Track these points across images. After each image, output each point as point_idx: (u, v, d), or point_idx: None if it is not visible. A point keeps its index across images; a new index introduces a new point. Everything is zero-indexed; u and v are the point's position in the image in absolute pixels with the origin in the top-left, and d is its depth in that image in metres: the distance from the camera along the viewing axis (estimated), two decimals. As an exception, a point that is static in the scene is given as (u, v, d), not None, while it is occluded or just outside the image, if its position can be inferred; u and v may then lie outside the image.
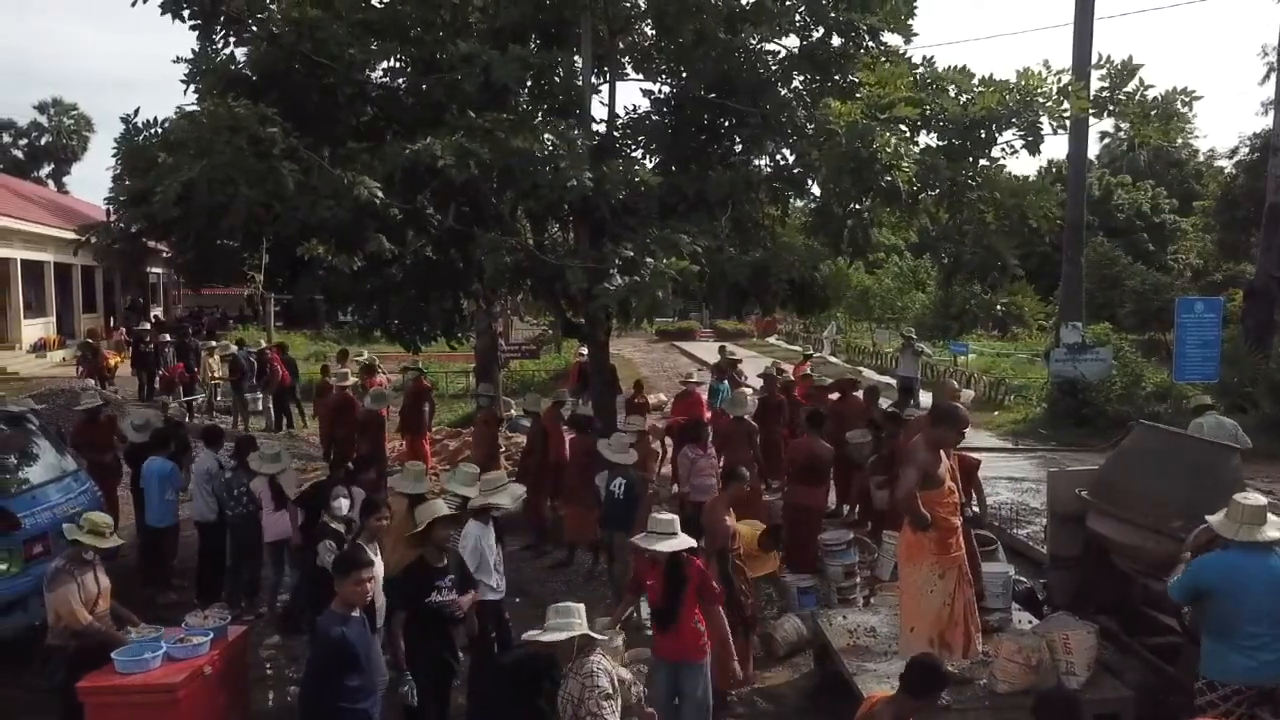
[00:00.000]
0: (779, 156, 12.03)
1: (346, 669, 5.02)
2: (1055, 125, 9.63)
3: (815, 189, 11.97)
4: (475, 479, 7.51)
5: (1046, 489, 8.25)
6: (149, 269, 35.32)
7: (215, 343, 24.20)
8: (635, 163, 10.80)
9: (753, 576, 7.61)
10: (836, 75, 11.31)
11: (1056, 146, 54.34)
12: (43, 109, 55.67)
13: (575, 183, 9.06)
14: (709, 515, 7.07)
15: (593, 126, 11.16)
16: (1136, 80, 9.97)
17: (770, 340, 43.33)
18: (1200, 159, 51.18)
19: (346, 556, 5.50)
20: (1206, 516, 5.34)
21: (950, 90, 9.98)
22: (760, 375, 14.50)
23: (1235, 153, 37.32)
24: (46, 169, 56.43)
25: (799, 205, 14.54)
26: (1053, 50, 69.57)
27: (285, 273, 12.24)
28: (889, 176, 8.87)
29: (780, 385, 13.45)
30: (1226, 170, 40.14)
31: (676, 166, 11.56)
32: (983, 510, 8.70)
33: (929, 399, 13.28)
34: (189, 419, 17.89)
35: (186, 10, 9.89)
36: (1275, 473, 12.91)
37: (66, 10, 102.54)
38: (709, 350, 29.27)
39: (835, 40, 11.20)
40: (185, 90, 10.13)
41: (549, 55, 10.25)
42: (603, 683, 4.51)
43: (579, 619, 4.68)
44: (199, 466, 9.41)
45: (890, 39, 11.29)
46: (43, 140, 56.17)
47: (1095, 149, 49.74)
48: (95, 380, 19.89)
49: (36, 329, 27.37)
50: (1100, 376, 18.19)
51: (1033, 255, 37.28)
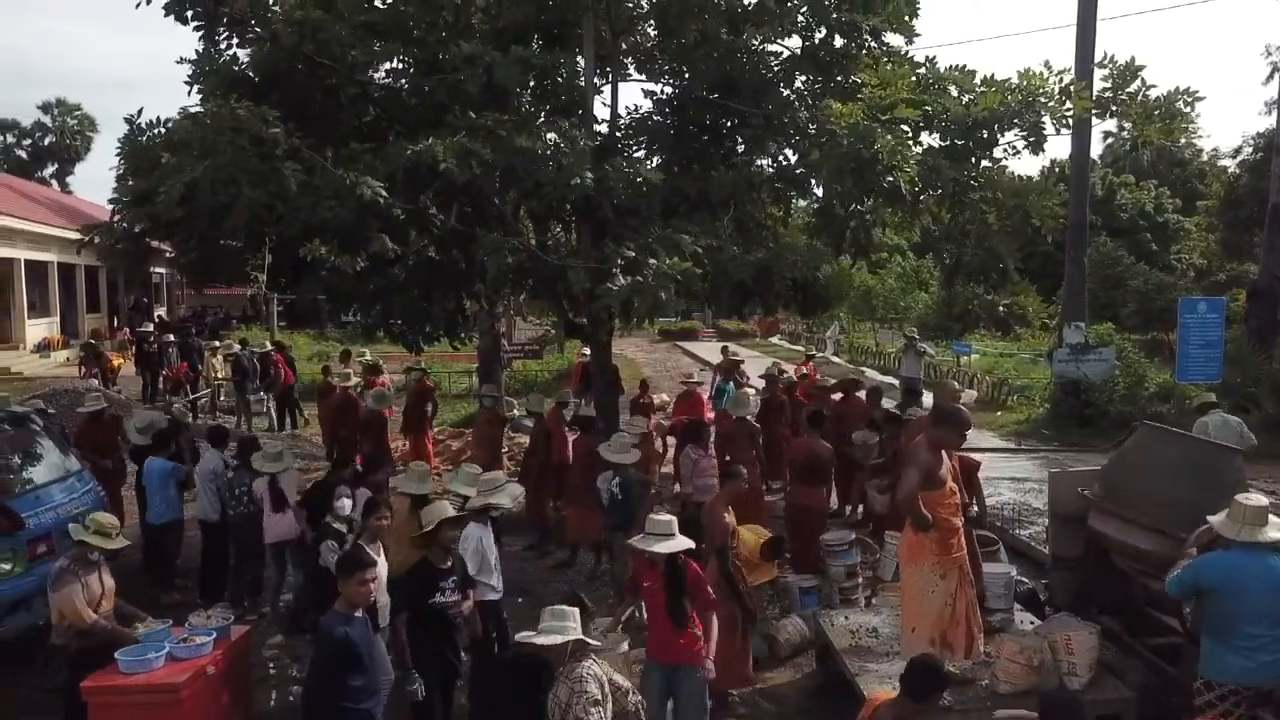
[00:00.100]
0: (781, 157, 12.06)
1: (349, 669, 5.03)
2: (1058, 125, 9.62)
3: (818, 189, 11.98)
4: (478, 479, 7.52)
5: (1048, 489, 8.24)
6: (152, 269, 35.41)
7: (218, 343, 24.22)
8: (638, 163, 10.82)
9: (752, 584, 7.61)
10: (839, 76, 11.33)
11: (1059, 146, 54.22)
12: (46, 109, 56.01)
13: (578, 180, 9.06)
14: (709, 514, 7.09)
15: (595, 127, 11.17)
16: (1139, 81, 9.97)
17: (773, 340, 43.32)
18: (1204, 159, 51.06)
19: (349, 557, 5.51)
20: (1208, 517, 5.34)
21: (952, 90, 9.98)
22: (762, 376, 14.50)
23: (1239, 152, 37.25)
24: (50, 169, 56.62)
25: (801, 205, 14.56)
26: (1055, 51, 69.65)
27: (288, 273, 12.28)
28: (890, 177, 8.88)
29: (783, 386, 13.45)
30: (1230, 170, 40.00)
31: (679, 167, 11.57)
32: (982, 511, 8.69)
33: (930, 400, 13.26)
34: (193, 419, 17.93)
35: (190, 12, 9.94)
36: (1278, 473, 12.90)
37: (66, 10, 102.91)
38: (711, 350, 29.29)
39: (837, 41, 11.22)
40: (189, 91, 10.19)
41: (551, 56, 10.25)
42: (591, 688, 4.46)
43: (573, 623, 4.63)
44: (205, 466, 9.42)
45: (892, 39, 11.33)
46: (46, 140, 56.34)
47: (1098, 148, 49.75)
48: (98, 380, 19.92)
49: (40, 329, 27.43)
50: (1103, 377, 18.14)
51: (1035, 255, 37.22)
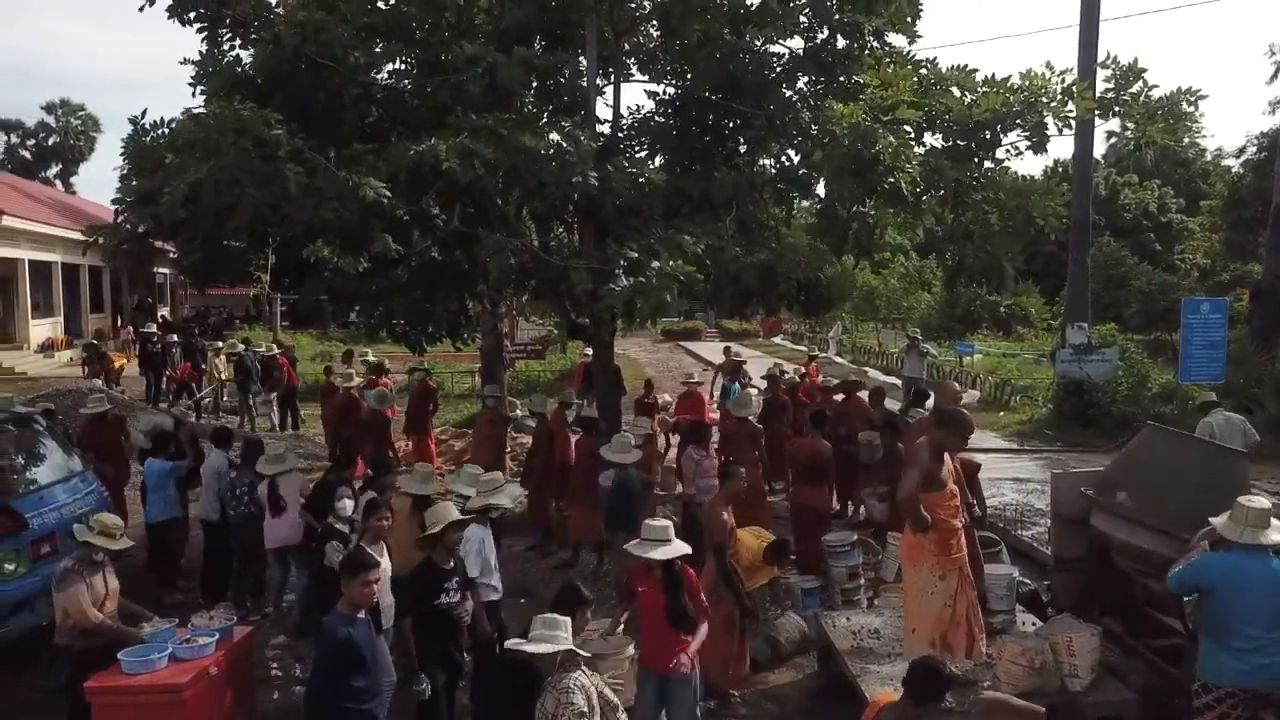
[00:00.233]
0: (783, 158, 12.06)
1: (352, 670, 5.03)
2: (1060, 126, 9.60)
3: (820, 190, 11.99)
4: (479, 480, 7.54)
5: (1050, 490, 8.24)
6: (156, 269, 35.44)
7: (221, 343, 24.22)
8: (640, 163, 10.81)
9: (752, 587, 7.60)
10: (841, 77, 11.32)
11: (1062, 146, 54.12)
12: (50, 109, 56.07)
13: (581, 180, 9.06)
14: (708, 513, 7.12)
15: (597, 127, 11.17)
16: (1141, 81, 9.94)
17: (775, 340, 43.32)
18: (1207, 158, 50.94)
19: (353, 558, 5.51)
20: (1210, 519, 5.35)
21: (955, 91, 9.96)
22: (764, 376, 14.50)
23: (1243, 152, 37.09)
24: (54, 169, 56.69)
25: (804, 206, 14.55)
26: (1058, 52, 69.60)
27: (291, 273, 12.29)
28: (892, 178, 8.86)
29: (785, 386, 13.45)
30: (1234, 170, 39.94)
31: (681, 167, 11.58)
32: (983, 512, 8.69)
33: (932, 400, 13.22)
34: (196, 419, 17.96)
35: (192, 14, 9.96)
36: (1281, 474, 12.89)
37: (66, 10, 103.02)
38: (714, 350, 29.28)
39: (840, 42, 11.22)
40: (193, 92, 10.20)
41: (554, 56, 10.25)
42: (578, 700, 4.41)
43: (564, 633, 4.59)
44: (210, 466, 9.44)
45: (894, 40, 11.33)
46: (50, 141, 56.44)
47: (1101, 148, 49.60)
48: (102, 381, 19.94)
49: (44, 329, 27.46)
50: (1106, 377, 18.12)
51: (1038, 255, 37.22)
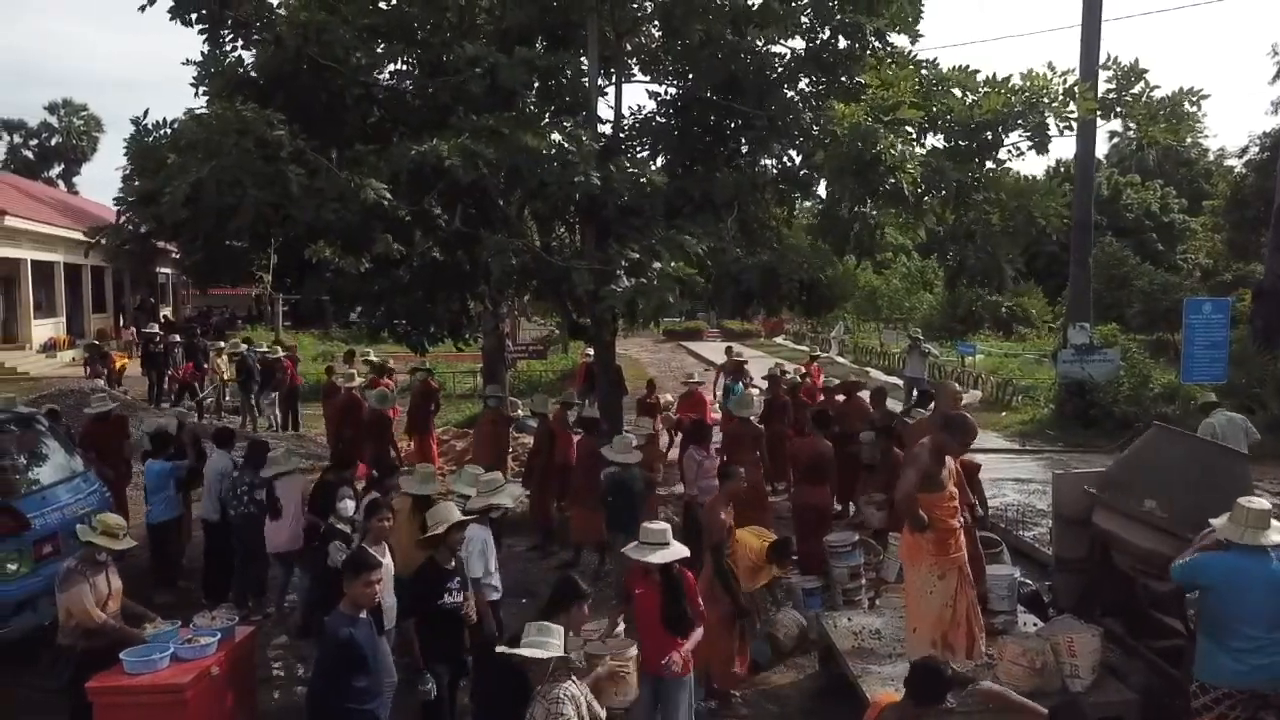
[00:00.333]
0: (785, 158, 12.06)
1: (354, 670, 5.04)
2: (1061, 127, 9.59)
3: (821, 191, 11.99)
4: (479, 480, 7.55)
5: (1052, 491, 8.23)
6: (158, 269, 35.50)
7: (223, 343, 24.23)
8: (642, 164, 10.82)
9: (753, 588, 7.61)
10: (843, 77, 11.33)
11: (1064, 146, 54.10)
12: (53, 109, 56.06)
13: (583, 179, 9.06)
14: (707, 513, 7.15)
15: (599, 128, 11.18)
16: (1143, 82, 9.92)
17: (777, 340, 43.31)
18: (1210, 158, 50.89)
19: (355, 558, 5.52)
20: (1210, 520, 5.35)
21: (956, 92, 9.95)
22: (765, 377, 14.50)
23: (1245, 152, 37.00)
24: (57, 169, 56.72)
25: (806, 206, 14.54)
26: (1059, 53, 69.53)
27: (293, 273, 12.30)
28: (893, 178, 8.86)
29: (786, 386, 13.45)
30: (1236, 170, 39.87)
31: (682, 168, 11.59)
32: (985, 512, 8.68)
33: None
34: (199, 419, 17.96)
35: (194, 15, 9.97)
36: (1283, 474, 12.89)
37: (66, 10, 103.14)
38: (716, 350, 29.29)
39: (841, 42, 11.23)
40: (195, 93, 10.21)
41: (555, 57, 10.25)
42: (568, 711, 4.37)
43: (556, 640, 4.55)
44: (213, 467, 9.43)
45: (896, 40, 11.33)
46: (53, 141, 56.46)
47: (1104, 148, 49.58)
48: (104, 381, 19.96)
49: (46, 329, 27.50)
50: (1108, 377, 18.11)
51: (1040, 255, 37.13)
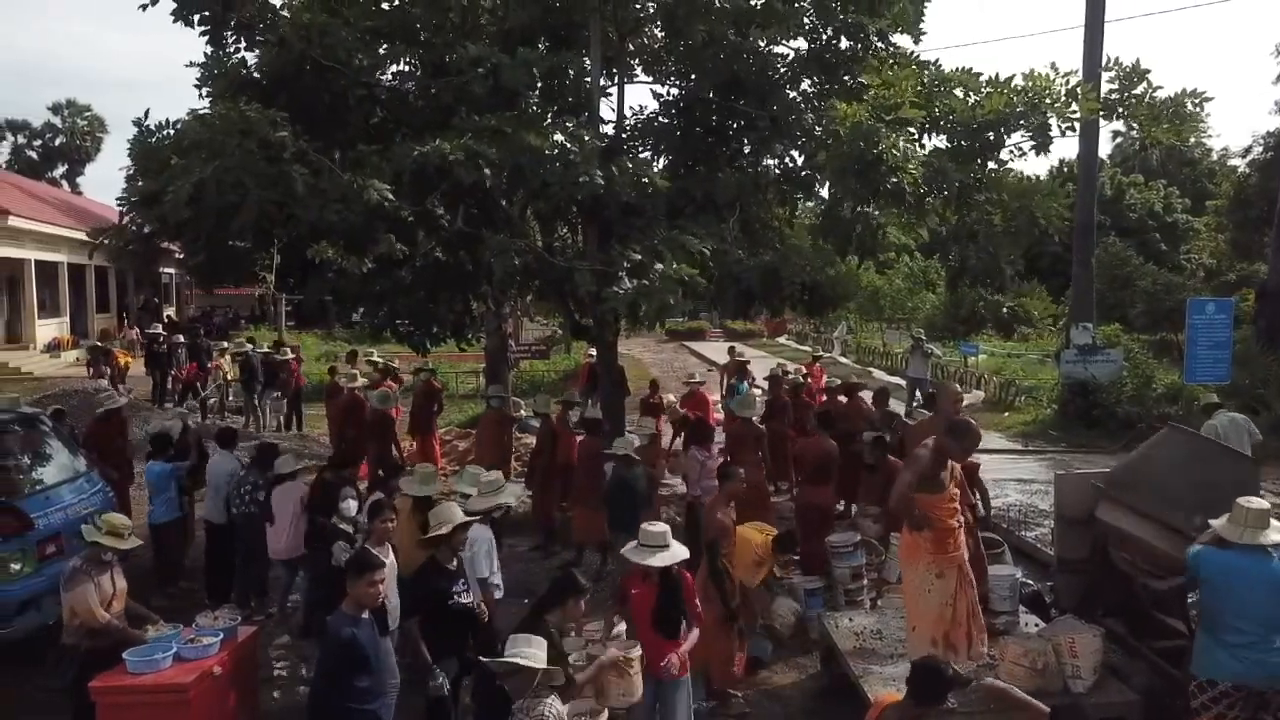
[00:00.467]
0: (787, 159, 12.06)
1: (356, 670, 5.05)
2: (1064, 127, 9.59)
3: (823, 191, 11.98)
4: (479, 480, 7.57)
5: (1054, 491, 8.23)
6: (162, 269, 35.54)
7: (226, 343, 24.25)
8: (645, 164, 10.82)
9: (754, 584, 7.63)
10: (845, 77, 11.33)
11: (1068, 146, 54.01)
12: (56, 110, 56.22)
13: (586, 179, 9.07)
14: (707, 512, 7.19)
15: (601, 128, 11.18)
16: (1145, 82, 9.92)
17: (780, 340, 43.29)
18: (1213, 158, 50.86)
19: (358, 558, 5.53)
20: (1210, 520, 5.36)
21: (958, 92, 9.95)
22: (766, 377, 14.52)
23: (1249, 151, 36.97)
24: (60, 169, 56.84)
25: (809, 206, 14.55)
26: (1062, 53, 69.33)
27: (296, 273, 12.32)
28: (894, 178, 8.86)
29: (788, 386, 13.45)
30: (1240, 169, 39.81)
31: (685, 168, 11.58)
32: (986, 511, 8.68)
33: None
34: (202, 419, 17.99)
35: (197, 16, 9.99)
36: (1285, 475, 12.85)
37: (67, 10, 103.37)
38: (718, 350, 29.28)
39: (843, 43, 11.23)
40: (199, 94, 10.23)
41: (558, 57, 10.26)
42: None
43: (541, 653, 4.49)
44: (221, 467, 9.42)
45: (899, 40, 11.33)
46: (57, 141, 56.61)
47: (1107, 148, 49.55)
48: (107, 381, 20.00)
49: (50, 329, 27.57)
50: (1111, 378, 18.09)
51: (1043, 255, 37.15)
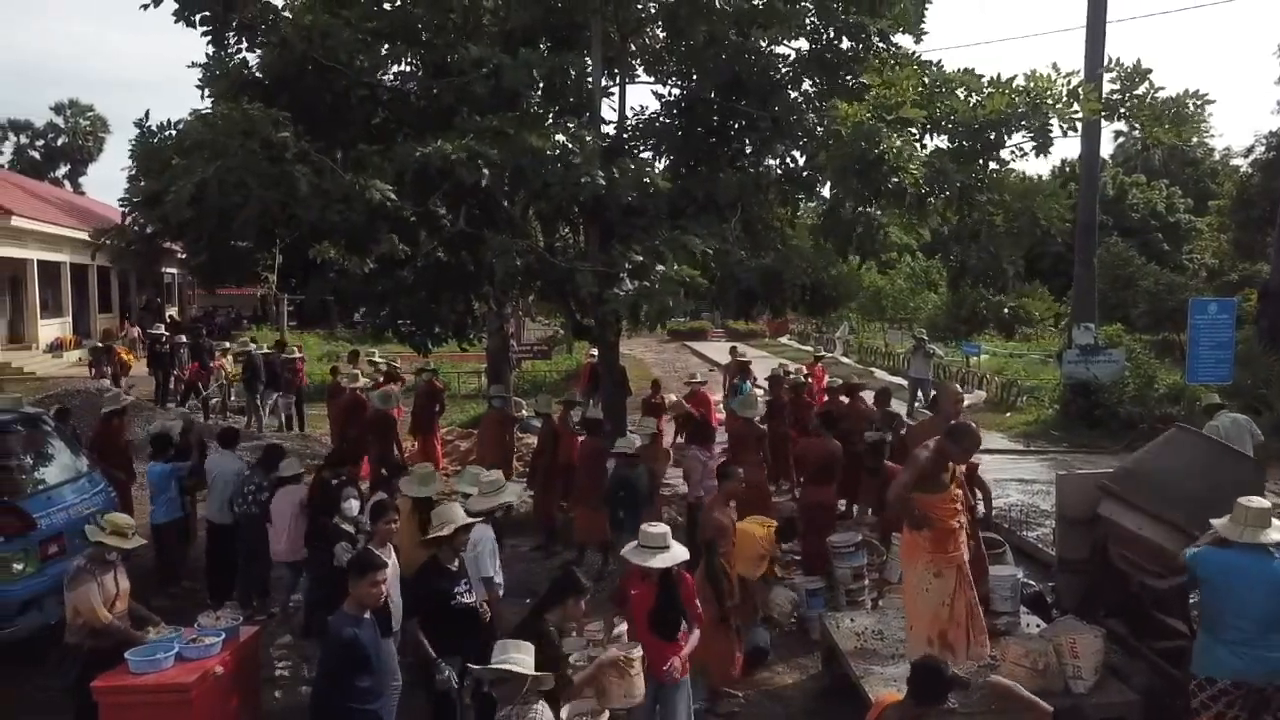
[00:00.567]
0: (788, 159, 12.06)
1: (357, 670, 5.05)
2: (1065, 128, 9.59)
3: (825, 191, 11.98)
4: (480, 480, 7.58)
5: (1056, 491, 8.23)
6: (164, 269, 35.57)
7: (228, 343, 24.26)
8: (646, 164, 10.83)
9: (755, 577, 7.65)
10: (847, 77, 11.33)
11: (1070, 146, 53.99)
12: (59, 110, 56.29)
13: (588, 180, 9.07)
14: (705, 512, 7.20)
15: (603, 128, 11.19)
16: (1147, 83, 9.91)
17: (782, 340, 43.27)
18: (1216, 158, 50.82)
19: (361, 558, 5.53)
20: (1212, 520, 5.37)
21: (959, 93, 9.96)
22: (767, 378, 14.52)
23: (1251, 151, 36.93)
24: (63, 169, 56.92)
25: (810, 206, 14.56)
26: (1064, 54, 69.12)
27: (298, 274, 12.33)
28: (896, 179, 8.86)
29: (788, 386, 13.45)
30: (1242, 169, 39.75)
31: (686, 168, 11.59)
32: (988, 509, 8.66)
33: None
34: (204, 419, 18.02)
35: (198, 16, 10.01)
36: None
37: (68, 10, 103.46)
38: (720, 350, 29.27)
39: (844, 43, 11.23)
40: (201, 95, 10.25)
41: (560, 58, 10.27)
42: None
43: (528, 657, 4.44)
44: (226, 467, 9.40)
45: (900, 39, 11.34)
46: (59, 141, 56.68)
47: (1109, 148, 49.53)
48: (109, 381, 20.02)
49: (53, 329, 27.60)
50: (1113, 378, 18.07)
51: (1045, 256, 37.10)
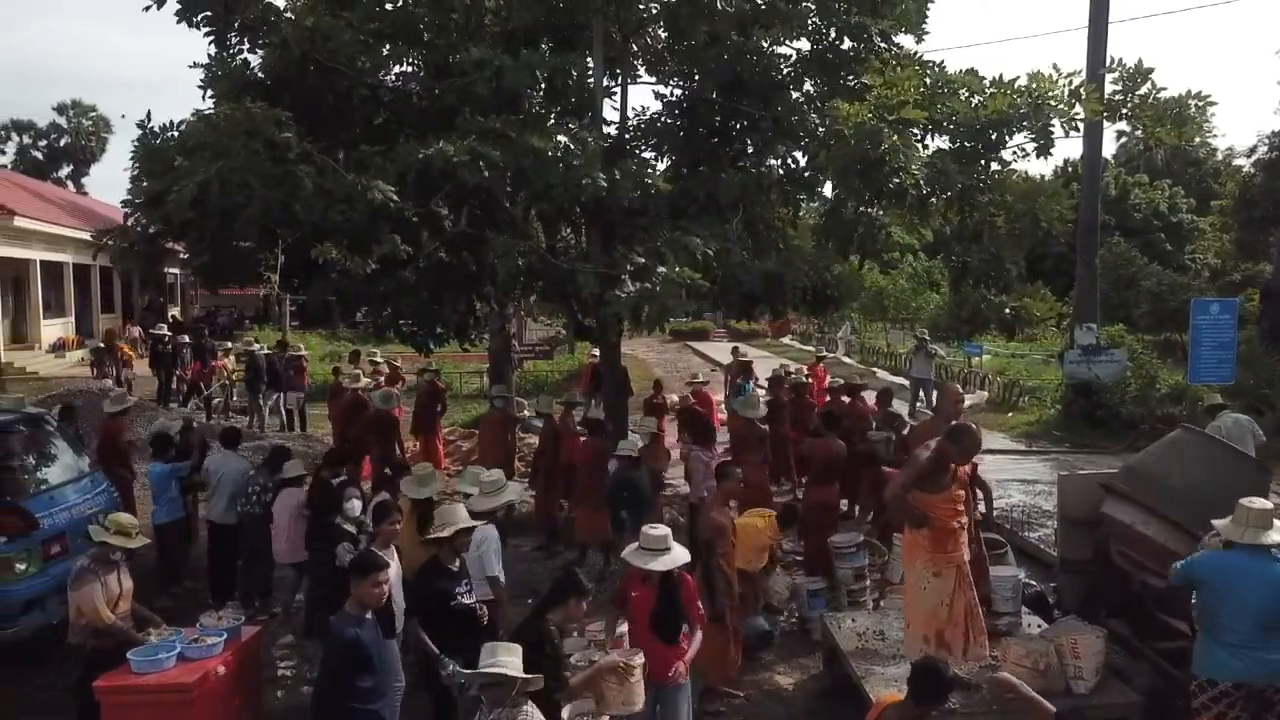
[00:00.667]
0: (790, 159, 12.06)
1: (359, 670, 5.06)
2: (1067, 128, 9.58)
3: (827, 192, 11.99)
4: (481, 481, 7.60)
5: (1058, 492, 8.22)
6: (166, 270, 35.58)
7: (230, 343, 24.26)
8: (647, 165, 10.83)
9: (757, 569, 7.68)
10: (848, 78, 11.33)
11: (1072, 146, 53.96)
12: (62, 110, 56.27)
13: (589, 181, 9.07)
14: (704, 512, 7.20)
15: (604, 129, 11.19)
16: (1149, 84, 9.90)
17: (784, 340, 43.25)
18: (1218, 158, 50.71)
19: (363, 558, 5.53)
20: (1213, 521, 5.37)
21: (961, 93, 9.95)
22: (768, 379, 14.53)
23: (1253, 151, 36.83)
24: (65, 170, 56.95)
25: (812, 206, 14.56)
26: (1065, 54, 69.06)
27: (300, 274, 12.34)
28: (897, 179, 8.86)
29: (790, 386, 13.46)
30: (1244, 169, 39.68)
31: (687, 169, 11.59)
32: (989, 508, 8.65)
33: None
34: (207, 418, 18.04)
35: (200, 17, 10.02)
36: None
37: (69, 10, 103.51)
38: (722, 350, 29.27)
39: (846, 43, 11.23)
40: (203, 95, 10.26)
41: (561, 59, 10.27)
42: None
43: (517, 659, 4.46)
44: (231, 467, 9.41)
45: (901, 40, 11.34)
46: (62, 141, 56.67)
47: (1112, 148, 49.45)
48: (112, 380, 20.04)
49: (55, 329, 27.61)
50: (1115, 378, 18.05)
51: (1048, 256, 37.05)
